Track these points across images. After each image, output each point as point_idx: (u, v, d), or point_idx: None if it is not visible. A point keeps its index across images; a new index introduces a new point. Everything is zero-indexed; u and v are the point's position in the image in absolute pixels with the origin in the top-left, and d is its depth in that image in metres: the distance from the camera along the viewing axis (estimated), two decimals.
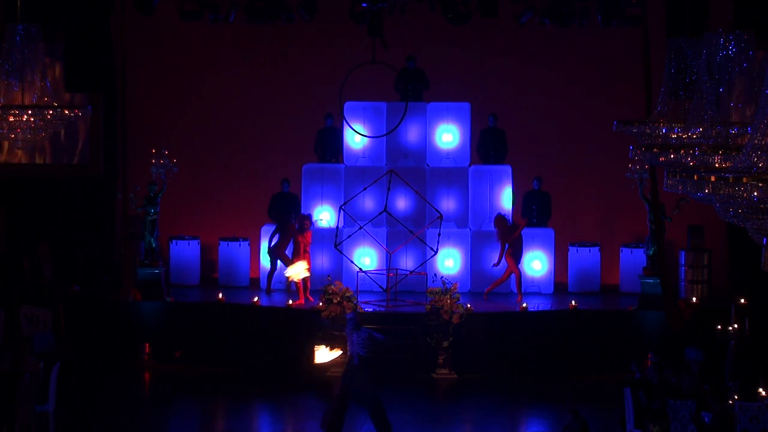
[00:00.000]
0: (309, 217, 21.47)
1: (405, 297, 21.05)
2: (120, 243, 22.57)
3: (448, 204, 22.37)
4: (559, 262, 22.49)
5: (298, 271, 20.69)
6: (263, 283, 22.19)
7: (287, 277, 21.06)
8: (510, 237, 21.38)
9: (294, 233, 21.25)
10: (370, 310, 20.34)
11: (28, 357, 16.39)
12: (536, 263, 22.20)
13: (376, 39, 20.71)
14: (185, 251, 22.93)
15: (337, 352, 16.58)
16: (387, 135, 21.89)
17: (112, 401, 18.62)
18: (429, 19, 22.33)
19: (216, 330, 20.82)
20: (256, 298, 21.03)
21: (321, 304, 20.11)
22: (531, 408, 18.94)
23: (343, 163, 22.69)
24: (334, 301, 19.99)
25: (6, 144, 21.23)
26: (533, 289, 22.01)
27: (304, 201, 22.59)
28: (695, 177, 9.40)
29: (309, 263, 21.20)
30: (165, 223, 22.24)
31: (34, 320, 19.87)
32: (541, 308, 20.98)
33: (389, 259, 21.44)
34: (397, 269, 21.21)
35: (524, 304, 20.76)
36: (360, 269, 21.05)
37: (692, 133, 12.30)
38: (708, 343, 17.99)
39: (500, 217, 21.53)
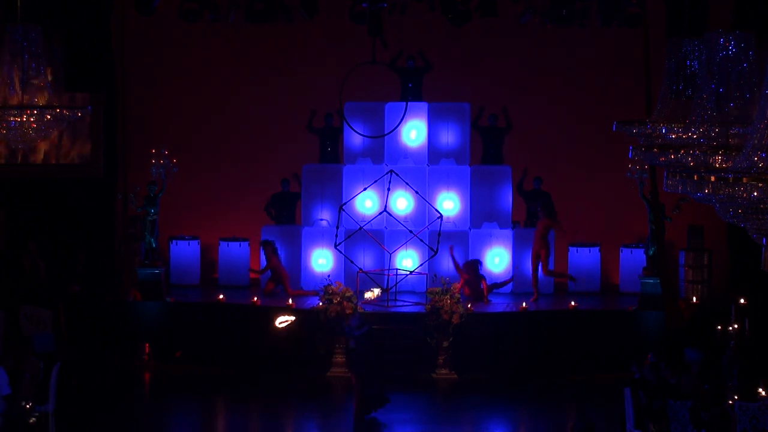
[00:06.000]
0: (267, 243, 21.83)
1: (405, 297, 21.06)
2: (120, 243, 22.57)
3: (448, 204, 22.37)
4: (559, 262, 22.48)
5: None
6: (264, 284, 22.17)
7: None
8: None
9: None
10: (370, 310, 20.33)
11: (28, 357, 16.39)
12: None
13: (376, 39, 20.72)
14: (185, 251, 22.93)
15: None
16: (387, 135, 21.89)
17: (112, 401, 18.63)
18: (429, 19, 22.32)
19: (216, 330, 20.82)
20: (255, 298, 21.04)
21: (321, 304, 20.11)
22: (531, 408, 18.93)
23: (343, 163, 22.69)
24: (334, 301, 19.99)
25: (6, 144, 21.22)
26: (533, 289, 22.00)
27: (304, 201, 22.60)
28: (695, 177, 9.40)
29: (286, 280, 21.69)
30: (165, 223, 22.25)
31: (34, 320, 19.89)
32: (541, 308, 20.98)
33: (389, 259, 21.44)
34: (397, 269, 21.21)
35: (524, 304, 20.77)
36: (360, 269, 21.05)
37: (692, 133, 12.29)
38: (708, 343, 17.99)
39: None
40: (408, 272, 21.16)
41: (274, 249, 21.90)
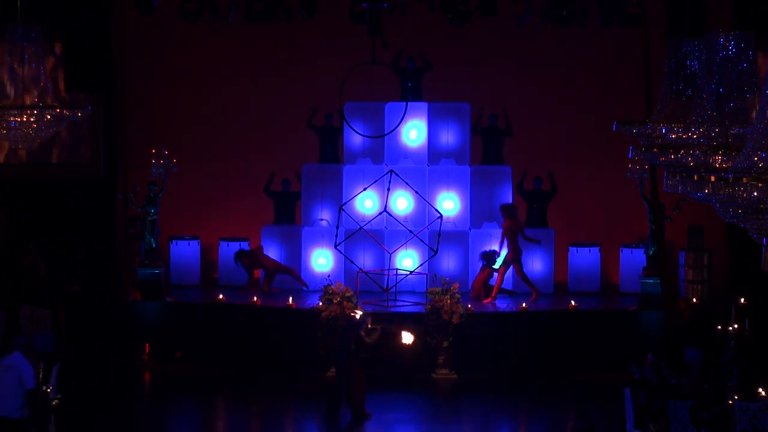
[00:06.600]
0: (240, 254, 22.02)
1: (405, 297, 21.05)
2: (120, 243, 22.57)
3: (448, 204, 22.37)
4: (559, 262, 22.48)
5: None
6: (262, 284, 22.14)
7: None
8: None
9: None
10: (370, 310, 20.32)
11: (28, 357, 16.36)
12: (536, 263, 22.19)
13: (376, 39, 20.71)
14: (185, 251, 22.92)
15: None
16: (387, 135, 21.90)
17: (112, 401, 18.63)
18: (429, 19, 22.32)
19: (216, 330, 20.83)
20: (255, 298, 21.04)
21: (321, 304, 20.11)
22: (531, 408, 18.94)
23: (343, 163, 22.69)
24: (334, 301, 19.99)
25: (6, 144, 21.22)
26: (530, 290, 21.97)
27: (304, 201, 22.60)
28: (695, 177, 9.40)
29: (291, 271, 21.84)
30: (165, 223, 22.25)
31: (34, 320, 19.88)
32: (540, 308, 20.96)
33: (389, 259, 21.44)
34: (397, 269, 21.21)
35: (524, 304, 20.76)
36: (360, 269, 21.05)
37: (692, 133, 12.29)
38: (708, 343, 17.99)
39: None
40: (408, 272, 21.17)
41: (253, 254, 21.90)
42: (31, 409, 14.61)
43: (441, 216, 21.28)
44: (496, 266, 21.41)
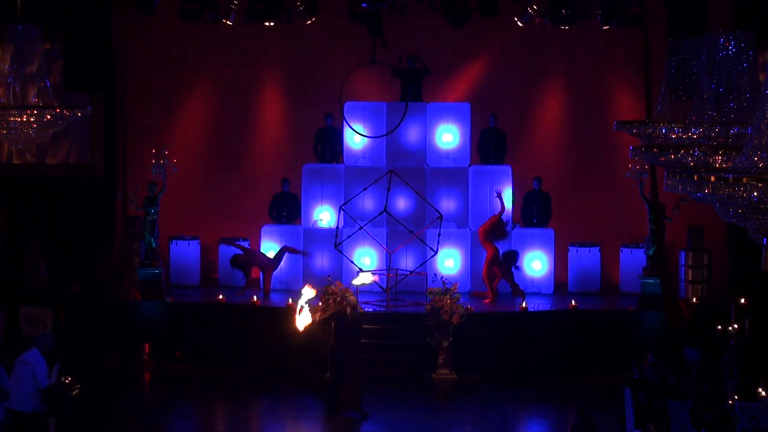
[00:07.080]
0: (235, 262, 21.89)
1: (405, 297, 21.05)
2: (120, 243, 22.57)
3: (448, 204, 22.36)
4: (559, 262, 22.48)
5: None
6: (262, 283, 22.15)
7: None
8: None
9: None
10: (370, 310, 20.33)
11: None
12: (536, 263, 22.19)
13: (376, 39, 20.71)
14: (185, 251, 22.91)
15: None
16: (387, 135, 21.90)
17: (112, 401, 18.62)
18: (429, 19, 22.32)
19: (216, 330, 20.82)
20: (255, 298, 21.04)
21: (320, 304, 20.09)
22: (531, 408, 18.94)
23: (343, 163, 22.69)
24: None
25: (6, 144, 21.23)
26: (533, 289, 21.98)
27: (304, 201, 22.60)
28: (695, 177, 9.41)
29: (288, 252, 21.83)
30: (165, 223, 22.24)
31: (34, 320, 19.88)
32: (541, 308, 20.98)
33: (389, 259, 21.44)
34: (397, 269, 21.21)
35: (523, 304, 20.76)
36: (360, 269, 21.04)
37: (692, 133, 12.31)
38: (708, 343, 17.99)
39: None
40: (408, 272, 21.18)
41: (249, 252, 21.87)
42: (47, 405, 14.66)
43: (441, 216, 21.28)
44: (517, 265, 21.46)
